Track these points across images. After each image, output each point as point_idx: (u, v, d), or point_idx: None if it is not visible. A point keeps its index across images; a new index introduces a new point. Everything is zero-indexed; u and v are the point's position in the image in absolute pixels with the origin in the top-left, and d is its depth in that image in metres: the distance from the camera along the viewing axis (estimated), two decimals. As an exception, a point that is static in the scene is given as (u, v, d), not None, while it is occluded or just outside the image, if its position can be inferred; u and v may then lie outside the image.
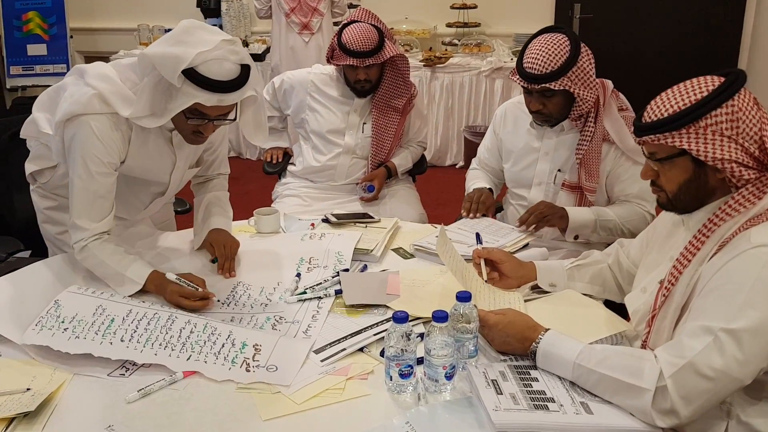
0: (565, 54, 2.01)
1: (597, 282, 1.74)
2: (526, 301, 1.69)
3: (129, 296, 1.69)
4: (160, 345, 1.46)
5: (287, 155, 3.07)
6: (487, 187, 2.39)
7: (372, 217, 2.23)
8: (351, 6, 5.64)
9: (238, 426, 1.27)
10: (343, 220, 2.19)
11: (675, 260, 1.40)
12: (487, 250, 1.75)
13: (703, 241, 1.35)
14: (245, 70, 1.68)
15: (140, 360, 1.42)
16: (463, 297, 1.42)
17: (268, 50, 5.47)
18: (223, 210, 2.04)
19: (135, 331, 1.49)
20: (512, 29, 5.61)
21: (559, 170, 2.20)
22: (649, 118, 1.37)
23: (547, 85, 2.01)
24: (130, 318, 1.53)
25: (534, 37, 2.09)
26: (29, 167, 1.88)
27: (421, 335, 1.51)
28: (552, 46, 2.02)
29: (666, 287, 1.39)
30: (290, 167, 2.99)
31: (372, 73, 2.75)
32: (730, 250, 1.28)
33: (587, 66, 2.04)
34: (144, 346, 1.45)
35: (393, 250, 2.05)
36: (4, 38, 5.90)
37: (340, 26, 2.82)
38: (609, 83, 2.17)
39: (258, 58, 5.41)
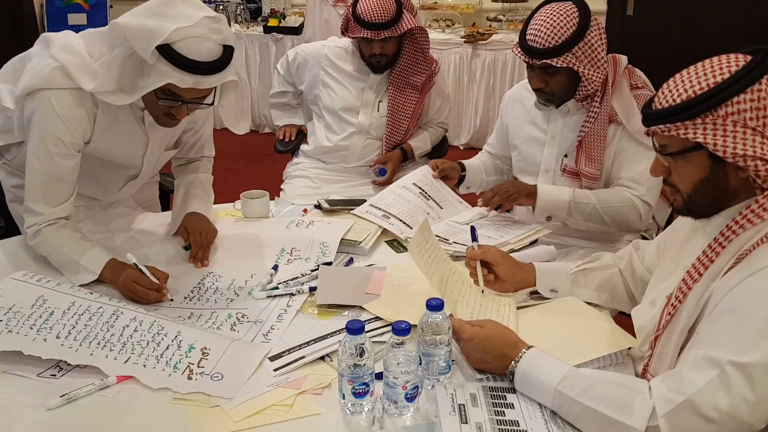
0: (571, 27, 1.77)
1: (605, 289, 1.52)
2: (519, 308, 1.49)
3: (82, 286, 1.56)
4: (98, 344, 1.32)
5: (302, 133, 2.90)
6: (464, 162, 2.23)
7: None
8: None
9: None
10: (337, 206, 2.02)
11: (686, 272, 1.17)
12: (482, 250, 1.54)
13: (719, 251, 1.11)
14: (228, 51, 1.52)
15: (73, 360, 1.28)
16: (434, 305, 1.23)
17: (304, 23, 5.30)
18: (203, 193, 1.89)
19: (74, 327, 1.35)
20: (566, 3, 5.27)
21: (566, 155, 1.96)
22: (660, 104, 1.14)
23: (549, 61, 1.78)
24: (72, 312, 1.39)
25: (543, 4, 1.85)
26: (-9, 141, 1.77)
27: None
28: (558, 18, 1.78)
29: (673, 304, 1.17)
30: (303, 146, 2.82)
31: (388, 47, 2.55)
32: (749, 265, 1.05)
33: (596, 42, 1.80)
34: (80, 345, 1.31)
35: (386, 242, 1.86)
36: (45, 7, 5.92)
37: (357, -5, 2.62)
38: (623, 59, 1.92)
39: (294, 31, 5.25)
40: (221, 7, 5.63)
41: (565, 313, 1.45)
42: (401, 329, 1.16)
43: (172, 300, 1.56)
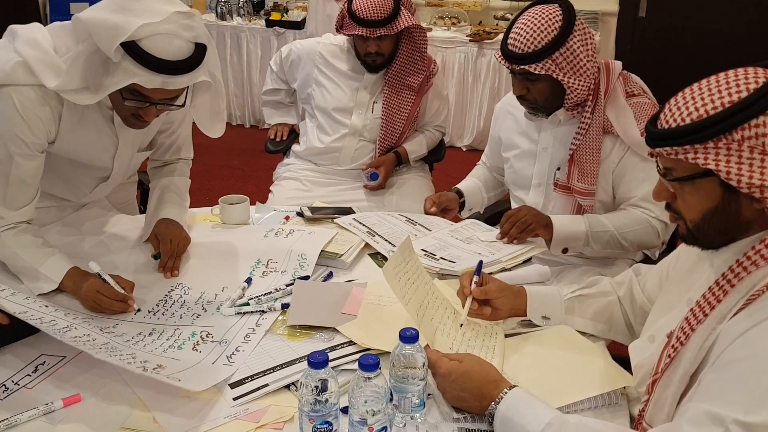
0: (552, 32, 1.66)
1: (601, 318, 1.39)
2: (508, 336, 1.37)
3: (41, 296, 1.45)
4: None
5: (294, 133, 2.79)
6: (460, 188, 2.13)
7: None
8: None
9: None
10: (319, 215, 1.90)
11: (690, 311, 1.05)
12: (484, 289, 1.37)
13: (727, 290, 0.99)
14: (200, 49, 1.40)
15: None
16: (407, 337, 1.11)
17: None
18: (178, 198, 1.78)
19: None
20: (579, 5, 5.13)
21: (558, 169, 1.84)
22: (667, 122, 1.01)
23: (527, 67, 1.67)
24: (22, 317, 1.29)
25: (529, 6, 1.73)
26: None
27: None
28: (539, 21, 1.66)
29: (673, 345, 1.04)
30: (294, 147, 2.71)
31: (384, 45, 2.43)
32: (760, 309, 0.93)
33: (578, 48, 1.68)
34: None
35: (370, 255, 1.74)
36: (47, -5, 5.83)
37: (353, -9, 2.50)
38: (617, 65, 1.80)
39: (297, 26, 5.14)
40: (224, 0, 5.52)
41: (556, 345, 1.33)
42: (369, 365, 1.04)
43: (139, 310, 1.46)
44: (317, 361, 1.04)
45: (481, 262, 1.42)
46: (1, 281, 1.48)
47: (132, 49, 1.33)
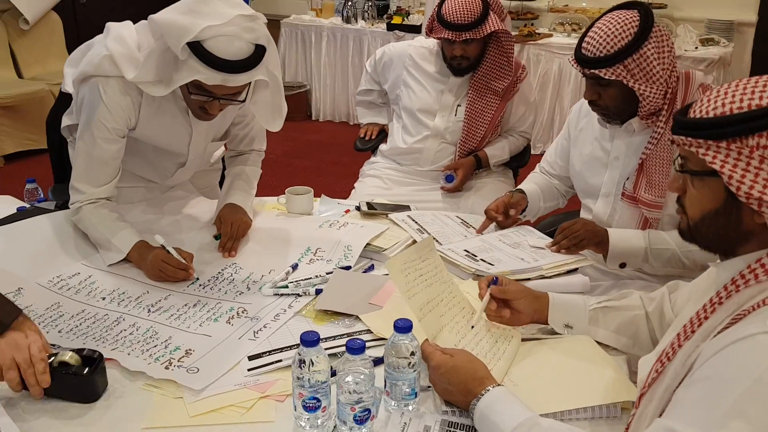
0: (626, 38, 1.60)
1: (626, 332, 1.35)
2: (525, 340, 1.37)
3: (112, 265, 1.65)
4: (93, 339, 1.37)
5: (383, 133, 2.88)
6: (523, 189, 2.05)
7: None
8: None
9: (110, 428, 1.14)
10: (376, 210, 1.97)
11: (682, 326, 1.01)
12: (502, 288, 1.38)
13: (716, 308, 0.95)
14: (259, 50, 1.52)
15: (64, 345, 1.33)
16: (401, 327, 1.15)
17: (427, 22, 5.27)
18: (246, 186, 1.92)
19: (77, 327, 1.41)
20: (705, 14, 4.85)
21: (627, 179, 1.78)
22: (694, 113, 0.99)
23: (597, 71, 1.62)
24: (79, 316, 1.46)
25: (608, 11, 1.69)
26: (65, 121, 1.88)
27: (377, 360, 1.27)
28: (614, 26, 1.62)
29: (661, 360, 1.01)
30: (381, 146, 2.80)
31: (471, 49, 2.46)
32: (740, 328, 0.89)
33: (652, 56, 1.61)
34: (77, 338, 1.37)
35: (416, 251, 1.78)
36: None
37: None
38: (697, 75, 1.71)
39: (416, 29, 5.24)
40: (350, 3, 5.73)
41: (571, 353, 1.31)
42: (355, 348, 1.10)
43: (198, 279, 1.61)
44: (309, 340, 1.11)
45: (496, 279, 1.41)
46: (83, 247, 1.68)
47: (196, 48, 1.47)
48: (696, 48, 4.50)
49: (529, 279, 1.60)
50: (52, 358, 1.19)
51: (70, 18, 5.43)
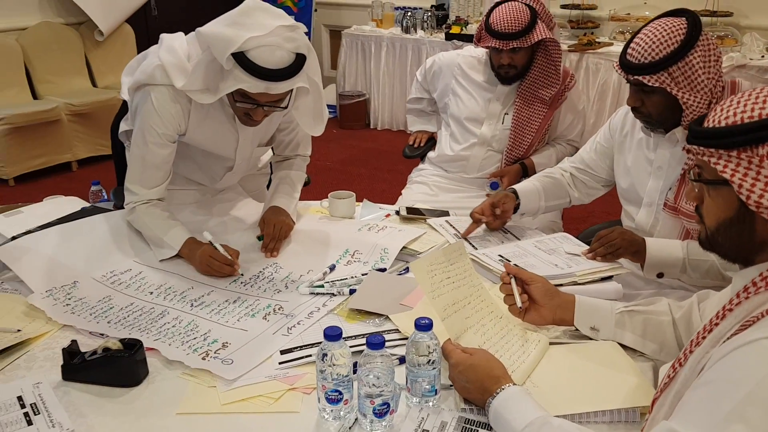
0: (672, 45, 1.58)
1: (653, 338, 1.35)
2: (552, 344, 1.38)
3: (163, 261, 1.75)
4: (139, 330, 1.46)
5: (432, 140, 2.92)
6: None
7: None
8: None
9: (147, 412, 1.22)
10: (414, 215, 2.01)
11: (696, 333, 1.01)
12: (517, 268, 1.44)
13: (726, 315, 0.95)
14: (299, 59, 1.59)
15: (111, 334, 1.43)
16: (421, 325, 1.19)
17: (484, 32, 5.29)
18: (290, 189, 2.00)
19: (125, 318, 1.51)
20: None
21: (670, 189, 1.76)
22: (708, 122, 1.00)
23: (641, 78, 1.61)
24: (128, 309, 1.55)
25: (656, 18, 1.68)
26: (122, 126, 2.00)
27: (402, 359, 1.31)
28: (660, 33, 1.60)
29: (674, 366, 1.02)
30: (430, 153, 2.84)
31: (518, 57, 2.47)
32: (748, 334, 0.88)
33: (698, 64, 1.59)
34: (123, 328, 1.47)
35: (451, 256, 1.81)
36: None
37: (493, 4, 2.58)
38: (744, 85, 1.67)
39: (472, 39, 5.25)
40: (409, 14, 5.80)
41: (595, 357, 1.32)
42: (375, 343, 1.14)
43: (242, 274, 1.69)
44: (331, 334, 1.16)
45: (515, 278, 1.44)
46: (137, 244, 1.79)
47: (240, 58, 1.55)
48: (762, 57, 4.35)
49: (561, 285, 1.60)
50: (98, 345, 1.29)
51: (143, 30, 5.70)
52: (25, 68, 5.01)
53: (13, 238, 1.78)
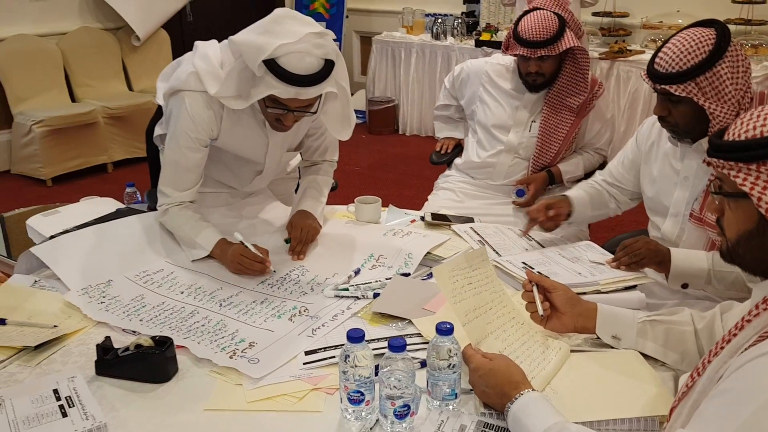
0: (700, 55, 1.59)
1: (674, 347, 1.35)
2: (572, 352, 1.39)
3: (195, 262, 1.80)
4: (169, 328, 1.51)
5: (459, 147, 2.94)
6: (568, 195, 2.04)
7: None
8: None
9: (176, 407, 1.26)
10: (439, 221, 2.03)
11: (714, 343, 1.02)
12: (539, 275, 1.46)
13: (744, 325, 0.96)
14: (328, 65, 1.63)
15: (143, 332, 1.48)
16: (443, 329, 1.22)
17: (514, 39, 5.29)
18: (317, 194, 2.04)
19: (156, 317, 1.56)
20: None
21: (696, 200, 1.76)
22: (728, 135, 1.02)
23: (668, 87, 1.62)
24: (159, 308, 1.60)
25: (684, 27, 1.69)
26: (156, 130, 2.06)
27: (423, 362, 1.33)
28: (689, 43, 1.61)
29: (692, 375, 1.03)
30: (456, 160, 2.86)
31: (546, 66, 2.48)
32: (764, 345, 0.89)
33: (726, 75, 1.58)
34: (155, 326, 1.52)
35: (475, 262, 1.83)
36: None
37: (521, 13, 2.59)
38: None
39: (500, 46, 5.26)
40: (440, 20, 5.83)
41: (616, 366, 1.33)
42: (396, 346, 1.17)
43: (275, 271, 1.75)
44: (354, 336, 1.19)
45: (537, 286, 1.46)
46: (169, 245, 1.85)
47: (271, 65, 1.59)
48: (799, 65, 4.29)
49: (585, 293, 1.61)
50: (130, 342, 1.34)
51: (178, 35, 5.82)
52: (64, 72, 5.15)
53: (51, 237, 1.85)
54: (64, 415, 1.19)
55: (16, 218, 3.22)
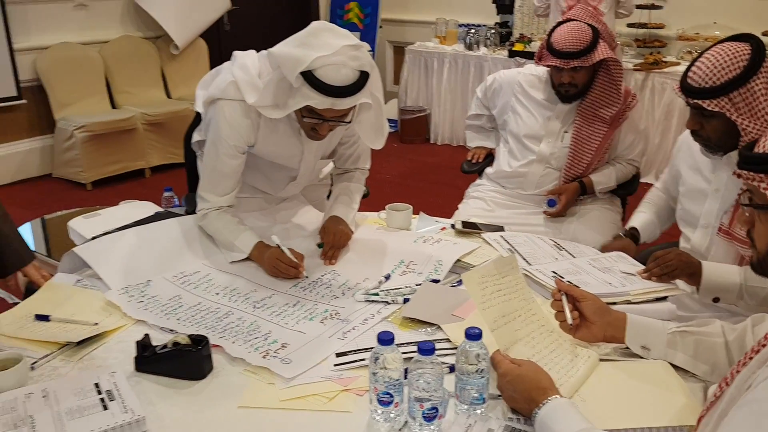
0: (734, 70, 1.59)
1: (705, 359, 1.35)
2: (601, 361, 1.40)
3: (234, 262, 1.86)
4: (205, 328, 1.55)
5: (491, 156, 2.95)
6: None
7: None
8: (651, 6, 5.14)
9: (211, 404, 1.30)
10: (469, 229, 2.05)
11: (743, 353, 1.03)
12: (568, 285, 1.47)
13: (773, 336, 0.97)
14: (363, 76, 1.68)
15: (180, 330, 1.52)
16: (471, 335, 1.24)
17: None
18: (349, 200, 2.08)
19: (192, 317, 1.61)
20: None
21: (726, 213, 1.75)
22: (759, 148, 1.03)
23: (700, 102, 1.62)
24: (196, 308, 1.65)
25: (720, 41, 1.69)
26: (194, 136, 2.12)
27: (452, 367, 1.35)
28: (723, 58, 1.61)
29: (720, 385, 1.03)
30: (487, 169, 2.87)
31: (579, 76, 2.49)
32: (793, 355, 0.90)
33: (760, 91, 1.58)
34: (191, 325, 1.57)
35: (505, 270, 1.85)
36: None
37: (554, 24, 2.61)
38: None
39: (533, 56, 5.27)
40: (473, 31, 5.85)
41: (645, 376, 1.33)
42: (426, 350, 1.19)
43: (307, 277, 1.79)
44: (384, 338, 1.21)
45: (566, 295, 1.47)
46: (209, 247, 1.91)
47: (308, 76, 1.64)
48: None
49: (615, 303, 1.61)
50: (168, 340, 1.38)
51: (215, 44, 5.93)
52: (105, 79, 5.29)
53: (93, 238, 1.91)
54: (105, 408, 1.24)
55: (57, 221, 3.34)
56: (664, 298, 1.67)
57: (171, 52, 5.60)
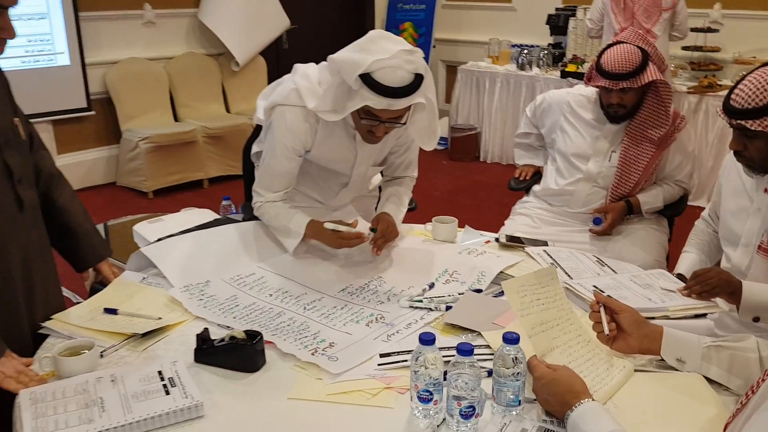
0: None
1: (739, 373, 1.38)
2: (636, 371, 1.44)
3: (284, 266, 1.98)
4: (259, 326, 1.65)
5: (538, 174, 3.00)
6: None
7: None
8: (707, 29, 5.11)
9: (263, 395, 1.40)
10: (513, 243, 2.11)
11: (769, 363, 1.07)
12: (606, 297, 1.52)
13: (799, 344, 1.01)
14: (418, 78, 1.78)
15: (237, 327, 1.63)
16: (509, 338, 1.30)
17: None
18: (398, 201, 2.18)
19: (248, 315, 1.72)
20: None
21: (767, 231, 1.77)
22: None
23: (743, 122, 1.65)
24: (250, 307, 1.76)
25: (763, 65, 1.72)
26: (254, 148, 2.25)
27: (490, 372, 1.42)
28: (767, 80, 1.64)
29: (746, 393, 1.07)
30: (535, 187, 2.93)
31: (628, 97, 2.53)
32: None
33: None
34: (246, 323, 1.67)
35: (547, 284, 1.90)
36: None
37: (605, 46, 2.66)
38: None
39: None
40: (526, 51, 5.91)
41: (679, 388, 1.37)
42: (464, 350, 1.26)
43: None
44: (426, 339, 1.29)
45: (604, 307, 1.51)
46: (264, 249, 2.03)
47: (367, 79, 1.76)
48: None
49: (653, 318, 1.65)
50: (225, 334, 1.49)
51: (273, 61, 6.14)
52: (169, 93, 5.54)
53: (157, 241, 2.05)
54: (167, 393, 1.35)
55: (119, 226, 3.53)
56: (703, 315, 1.70)
57: (232, 69, 5.83)
